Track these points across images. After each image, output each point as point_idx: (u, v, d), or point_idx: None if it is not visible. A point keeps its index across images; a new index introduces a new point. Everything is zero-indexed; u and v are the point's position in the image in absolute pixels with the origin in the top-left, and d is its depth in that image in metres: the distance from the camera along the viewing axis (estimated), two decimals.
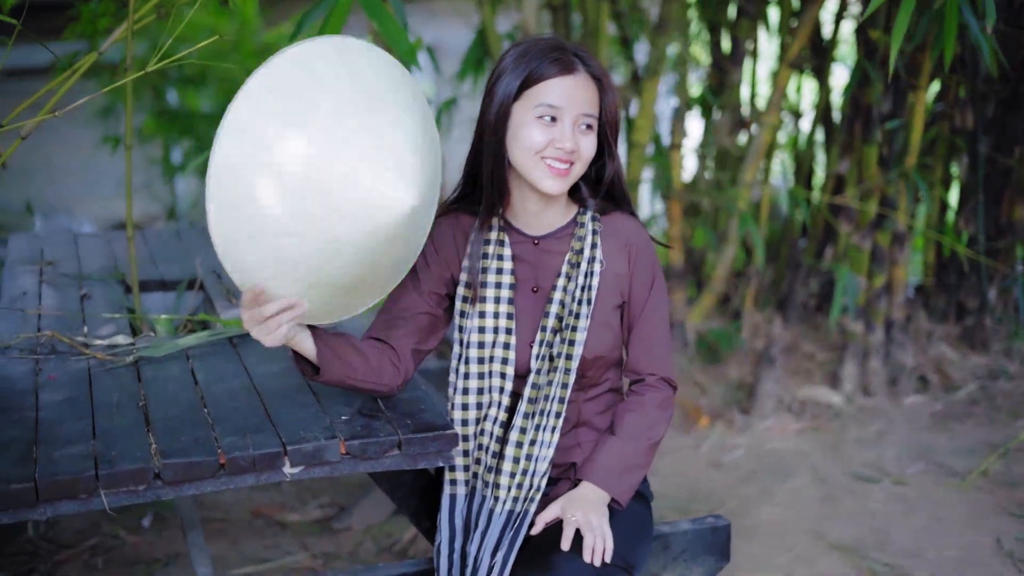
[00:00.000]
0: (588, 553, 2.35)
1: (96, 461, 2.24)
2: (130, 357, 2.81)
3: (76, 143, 8.85)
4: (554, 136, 2.39)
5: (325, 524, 4.19)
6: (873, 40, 4.97)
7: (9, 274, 3.66)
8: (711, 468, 4.65)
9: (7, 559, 3.87)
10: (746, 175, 5.28)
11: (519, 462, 2.49)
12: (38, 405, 2.54)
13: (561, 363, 2.50)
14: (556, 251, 2.55)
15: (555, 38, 2.49)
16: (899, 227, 5.23)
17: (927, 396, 5.22)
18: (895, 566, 3.82)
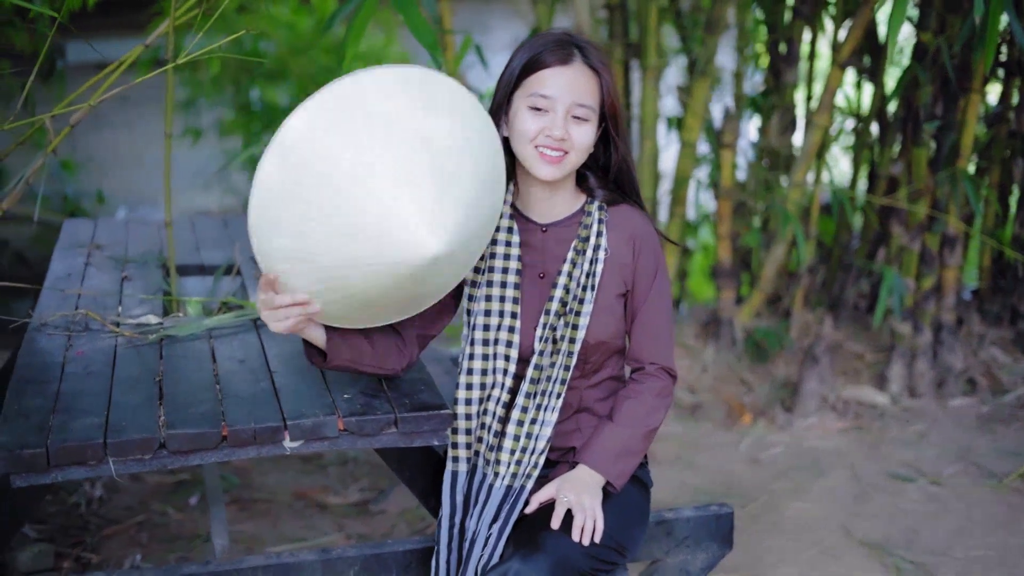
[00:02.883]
0: (577, 532, 2.43)
1: (106, 430, 2.38)
2: (154, 335, 2.94)
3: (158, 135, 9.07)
4: (545, 124, 2.48)
5: (363, 507, 4.30)
6: (924, 42, 4.97)
7: (58, 257, 3.83)
8: (749, 464, 4.69)
9: (58, 531, 4.03)
10: (796, 175, 5.30)
11: (519, 440, 2.58)
12: (62, 377, 2.69)
13: (564, 346, 2.58)
14: (563, 239, 2.64)
15: (565, 31, 2.58)
16: (949, 229, 5.22)
17: (974, 399, 5.20)
18: (921, 564, 3.84)
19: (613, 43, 5.57)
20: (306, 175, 2.20)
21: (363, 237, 2.22)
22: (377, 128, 2.21)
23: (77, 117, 3.28)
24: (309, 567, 2.69)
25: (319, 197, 2.20)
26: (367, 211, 2.20)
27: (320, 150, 2.19)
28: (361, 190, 2.19)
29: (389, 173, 2.20)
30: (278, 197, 2.21)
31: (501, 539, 2.51)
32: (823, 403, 5.11)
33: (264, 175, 2.20)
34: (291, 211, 2.22)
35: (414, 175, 2.22)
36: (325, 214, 2.20)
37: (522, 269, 2.63)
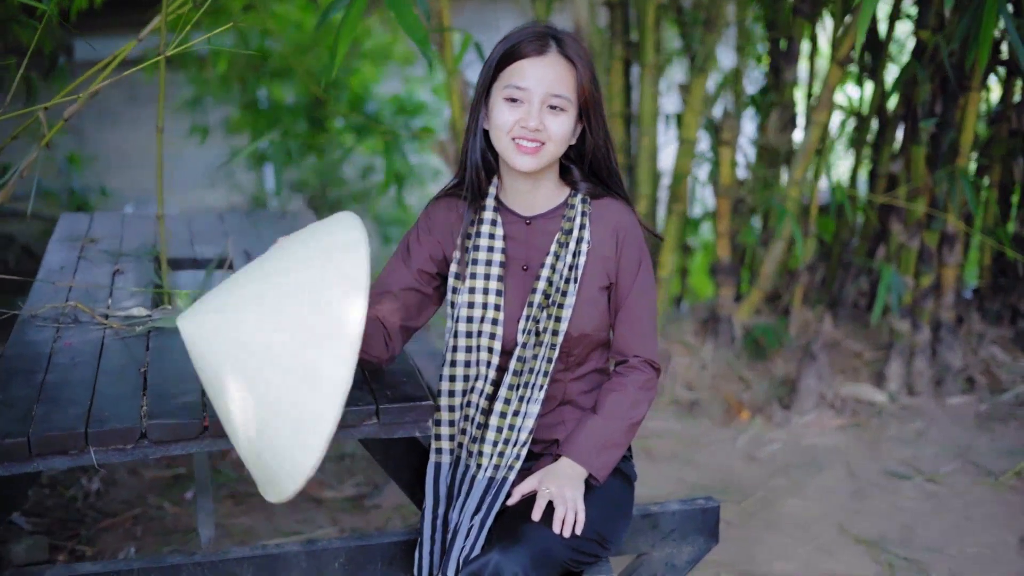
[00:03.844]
0: (558, 524, 2.43)
1: (88, 420, 2.39)
2: (140, 327, 2.96)
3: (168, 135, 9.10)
4: (521, 115, 2.48)
5: (358, 501, 4.32)
6: (922, 40, 4.96)
7: (52, 250, 3.84)
8: (746, 461, 4.69)
9: (55, 524, 4.05)
10: (795, 173, 5.29)
11: (502, 431, 2.59)
12: (48, 368, 2.70)
13: (547, 338, 2.58)
14: (547, 231, 2.64)
15: (543, 24, 2.58)
16: (948, 228, 5.21)
17: (972, 397, 5.19)
18: (915, 561, 3.84)
19: (613, 41, 5.57)
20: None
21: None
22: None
23: (71, 110, 3.30)
24: (294, 559, 2.70)
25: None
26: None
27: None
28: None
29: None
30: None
31: (483, 530, 2.51)
32: (821, 400, 5.11)
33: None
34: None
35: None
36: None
37: (506, 261, 2.63)
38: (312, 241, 2.32)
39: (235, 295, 2.28)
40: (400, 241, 2.73)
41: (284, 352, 2.17)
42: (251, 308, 2.23)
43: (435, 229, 2.69)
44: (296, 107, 8.97)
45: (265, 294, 2.23)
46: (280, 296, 2.22)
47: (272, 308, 2.21)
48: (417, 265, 2.66)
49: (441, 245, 2.68)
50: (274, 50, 8.52)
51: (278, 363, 2.18)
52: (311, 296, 2.20)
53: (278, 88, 9.10)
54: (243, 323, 2.22)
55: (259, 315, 2.21)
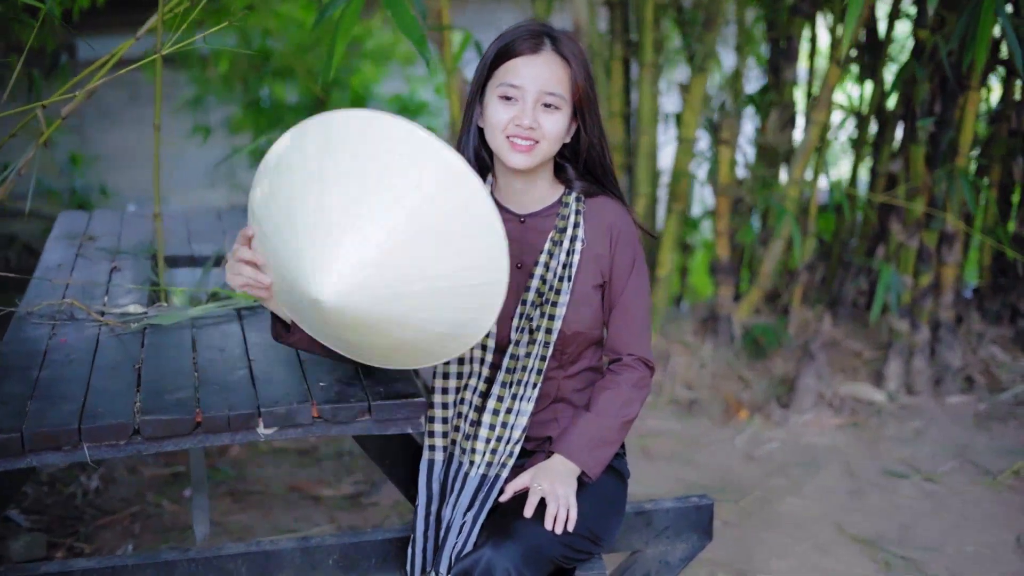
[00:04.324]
0: (550, 521, 2.44)
1: (81, 416, 2.39)
2: (135, 324, 2.97)
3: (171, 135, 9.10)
4: (515, 114, 2.49)
5: (356, 499, 4.32)
6: (921, 39, 4.96)
7: (50, 248, 3.86)
8: (744, 460, 4.69)
9: (54, 521, 4.06)
10: (795, 172, 5.29)
11: (495, 429, 2.59)
12: (43, 365, 2.71)
13: (540, 336, 2.59)
14: (541, 229, 2.64)
15: (538, 22, 2.59)
16: (948, 227, 5.21)
17: (972, 396, 5.19)
18: (912, 560, 3.84)
19: (613, 41, 5.57)
20: (288, 170, 2.24)
21: (287, 249, 2.25)
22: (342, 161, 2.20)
23: (69, 108, 3.31)
24: (288, 555, 2.71)
25: (285, 193, 2.24)
26: (297, 227, 2.23)
27: (296, 155, 2.23)
28: (305, 202, 2.22)
29: (327, 208, 2.19)
30: (277, 169, 2.25)
31: (475, 527, 2.52)
32: (820, 400, 5.11)
33: (281, 147, 2.26)
34: (277, 189, 2.26)
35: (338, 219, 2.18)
36: (284, 210, 2.24)
37: None
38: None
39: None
40: None
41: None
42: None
43: None
44: (298, 106, 8.98)
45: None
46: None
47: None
48: None
49: None
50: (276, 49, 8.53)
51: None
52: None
53: (280, 87, 9.12)
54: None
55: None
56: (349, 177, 2.16)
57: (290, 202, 2.22)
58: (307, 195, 2.19)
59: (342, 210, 2.16)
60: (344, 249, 2.15)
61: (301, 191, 2.20)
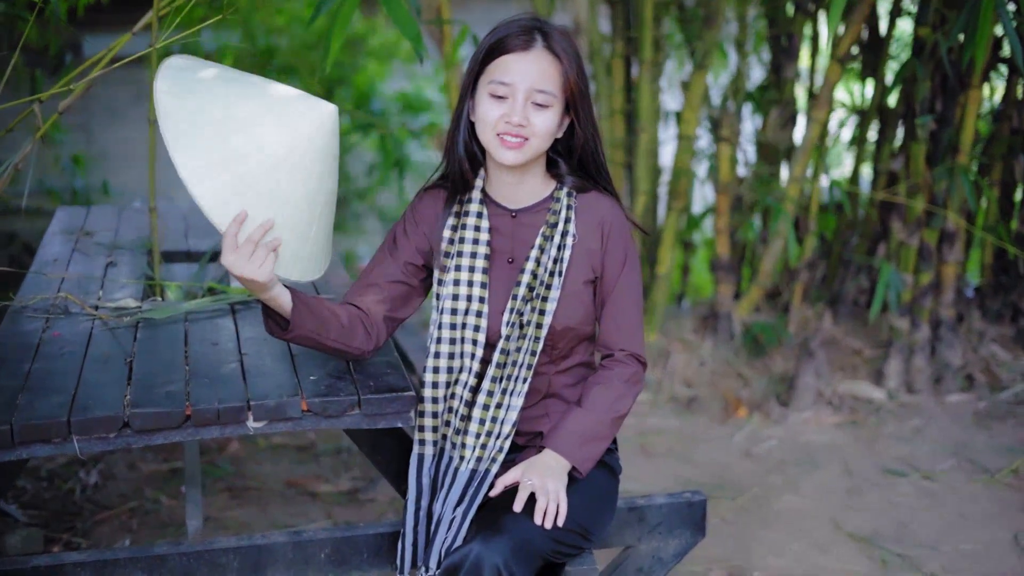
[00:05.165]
0: (539, 516, 2.44)
1: (71, 409, 2.40)
2: (128, 318, 2.97)
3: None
4: (505, 111, 2.49)
5: (353, 495, 4.33)
6: (921, 37, 4.95)
7: (47, 242, 3.86)
8: (742, 457, 4.69)
9: (51, 516, 4.07)
10: (795, 170, 5.29)
11: (484, 423, 2.59)
12: (35, 358, 2.71)
13: (531, 331, 2.59)
14: (533, 224, 2.64)
15: (531, 17, 2.58)
16: (948, 225, 5.20)
17: (971, 395, 5.18)
18: (908, 557, 3.84)
19: (614, 38, 5.57)
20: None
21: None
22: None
23: (66, 103, 3.31)
24: (280, 549, 2.71)
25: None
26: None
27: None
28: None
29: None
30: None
31: (465, 522, 2.52)
32: (819, 397, 5.10)
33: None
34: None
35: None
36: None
37: (491, 254, 2.64)
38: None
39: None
40: (387, 233, 2.74)
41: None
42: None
43: (422, 221, 2.70)
44: None
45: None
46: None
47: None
48: (404, 257, 2.67)
49: (427, 237, 2.68)
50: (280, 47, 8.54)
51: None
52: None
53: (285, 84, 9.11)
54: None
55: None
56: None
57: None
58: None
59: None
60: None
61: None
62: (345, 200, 9.30)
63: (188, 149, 2.28)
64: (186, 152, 2.28)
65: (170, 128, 2.29)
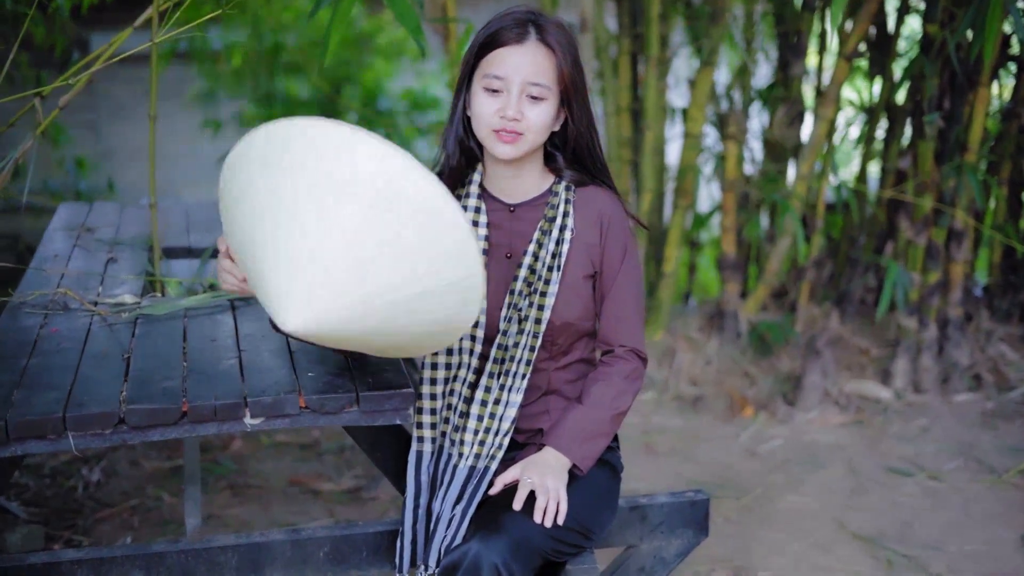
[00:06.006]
0: (539, 514, 2.41)
1: (67, 405, 2.38)
2: (126, 314, 2.96)
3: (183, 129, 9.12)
4: (500, 105, 2.46)
5: (355, 493, 4.31)
6: (930, 34, 4.92)
7: (48, 239, 3.85)
8: (747, 457, 4.66)
9: (52, 514, 4.06)
10: (802, 168, 5.26)
11: (483, 420, 2.57)
12: (32, 353, 2.70)
13: (529, 326, 2.57)
14: (531, 219, 2.62)
15: (526, 9, 2.55)
16: (956, 224, 5.17)
17: (979, 395, 5.15)
18: (913, 557, 3.81)
19: (620, 35, 5.54)
20: (239, 192, 2.23)
21: (255, 270, 2.25)
22: (299, 178, 2.13)
23: (66, 98, 3.31)
24: (279, 547, 2.69)
25: (241, 215, 2.24)
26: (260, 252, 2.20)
27: (254, 175, 2.19)
28: (268, 223, 2.17)
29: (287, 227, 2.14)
30: (237, 182, 2.23)
31: (464, 520, 2.50)
32: (825, 397, 5.08)
33: (237, 155, 2.22)
34: (234, 209, 2.27)
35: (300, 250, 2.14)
36: (245, 233, 2.24)
37: (489, 249, 2.62)
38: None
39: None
40: None
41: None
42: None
43: None
44: (309, 101, 8.99)
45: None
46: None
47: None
48: None
49: None
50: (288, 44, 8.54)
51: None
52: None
53: (292, 83, 9.12)
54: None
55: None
56: (294, 196, 2.12)
57: (246, 225, 2.21)
58: (255, 219, 2.17)
59: (292, 234, 2.12)
60: (298, 282, 2.13)
61: (250, 214, 2.19)
62: None
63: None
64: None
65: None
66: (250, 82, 8.97)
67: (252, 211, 2.18)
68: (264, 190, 2.15)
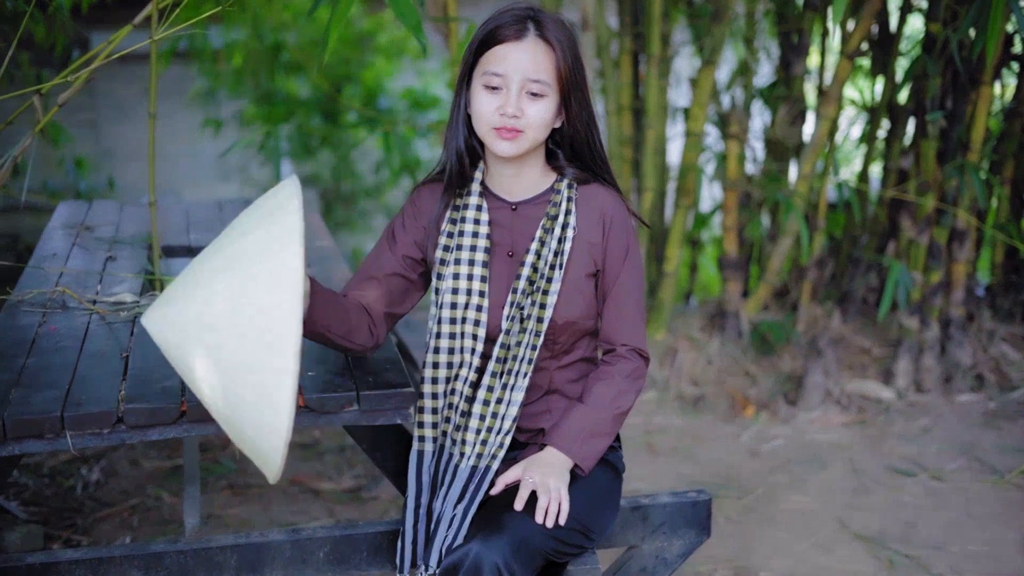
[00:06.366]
0: (540, 514, 2.40)
1: (64, 404, 2.37)
2: (125, 313, 2.94)
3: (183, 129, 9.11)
4: (500, 103, 2.45)
5: (355, 493, 4.30)
6: (932, 33, 4.90)
7: (47, 237, 3.84)
8: (748, 456, 4.65)
9: (52, 513, 4.04)
10: (804, 167, 5.25)
11: (485, 419, 2.55)
12: (30, 352, 2.68)
13: (531, 325, 2.55)
14: (533, 217, 2.60)
15: (525, 6, 2.54)
16: (959, 223, 5.15)
17: (981, 395, 5.14)
18: (915, 558, 3.79)
19: (622, 33, 5.52)
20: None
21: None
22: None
23: (65, 96, 3.28)
24: (278, 548, 2.67)
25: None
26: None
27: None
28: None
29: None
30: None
31: (465, 520, 2.48)
32: (827, 397, 5.06)
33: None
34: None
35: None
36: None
37: (491, 247, 2.60)
38: (253, 211, 2.25)
39: (187, 279, 2.22)
40: (386, 227, 2.70)
41: (237, 318, 2.10)
42: (202, 286, 2.17)
43: (421, 215, 2.66)
44: (310, 101, 8.97)
45: (213, 269, 2.19)
46: (226, 267, 2.17)
47: (221, 281, 2.15)
48: (402, 251, 2.63)
49: (426, 231, 2.65)
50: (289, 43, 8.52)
51: (234, 330, 2.10)
52: (252, 259, 2.14)
53: (293, 81, 9.10)
54: (194, 302, 2.16)
55: (210, 291, 2.15)
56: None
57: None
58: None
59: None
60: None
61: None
62: (353, 197, 9.28)
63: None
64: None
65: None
66: (250, 81, 8.94)
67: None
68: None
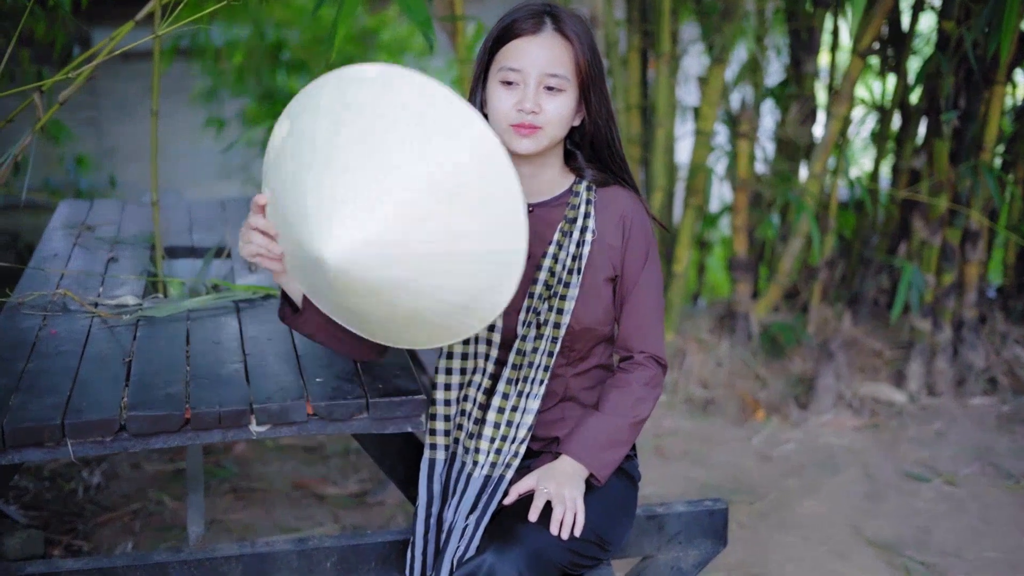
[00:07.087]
0: (555, 525, 2.33)
1: (65, 411, 2.30)
2: (127, 316, 2.87)
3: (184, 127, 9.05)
4: (517, 99, 2.38)
5: (361, 498, 4.23)
6: (946, 31, 4.83)
7: (47, 237, 3.77)
8: (760, 461, 4.58)
9: (52, 517, 3.98)
10: (815, 166, 5.18)
11: (499, 427, 2.49)
12: (30, 357, 2.62)
13: (548, 331, 2.48)
14: (551, 220, 2.53)
15: (541, 1, 2.47)
16: (971, 224, 5.08)
17: (995, 398, 5.07)
18: (931, 565, 3.74)
19: (631, 31, 5.46)
20: (300, 130, 2.13)
21: (296, 208, 2.15)
22: (358, 121, 2.08)
23: (66, 93, 3.22)
24: (285, 557, 2.61)
25: (297, 153, 2.13)
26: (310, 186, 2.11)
27: (308, 115, 2.12)
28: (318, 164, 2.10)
29: (343, 163, 2.07)
30: (290, 129, 2.15)
31: (478, 530, 2.41)
32: (839, 400, 5.00)
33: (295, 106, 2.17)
34: (289, 148, 2.15)
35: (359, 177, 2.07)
36: (294, 170, 2.13)
37: None
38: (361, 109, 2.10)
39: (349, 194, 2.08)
40: None
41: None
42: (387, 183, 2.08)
43: None
44: None
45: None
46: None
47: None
48: None
49: None
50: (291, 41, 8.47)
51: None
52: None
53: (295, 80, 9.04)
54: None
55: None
56: (362, 138, 2.06)
57: (300, 161, 2.11)
58: (316, 154, 2.08)
59: (352, 169, 2.05)
60: (350, 206, 2.04)
61: (311, 150, 2.09)
62: None
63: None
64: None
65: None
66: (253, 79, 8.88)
67: (307, 146, 2.10)
68: (331, 130, 2.08)
